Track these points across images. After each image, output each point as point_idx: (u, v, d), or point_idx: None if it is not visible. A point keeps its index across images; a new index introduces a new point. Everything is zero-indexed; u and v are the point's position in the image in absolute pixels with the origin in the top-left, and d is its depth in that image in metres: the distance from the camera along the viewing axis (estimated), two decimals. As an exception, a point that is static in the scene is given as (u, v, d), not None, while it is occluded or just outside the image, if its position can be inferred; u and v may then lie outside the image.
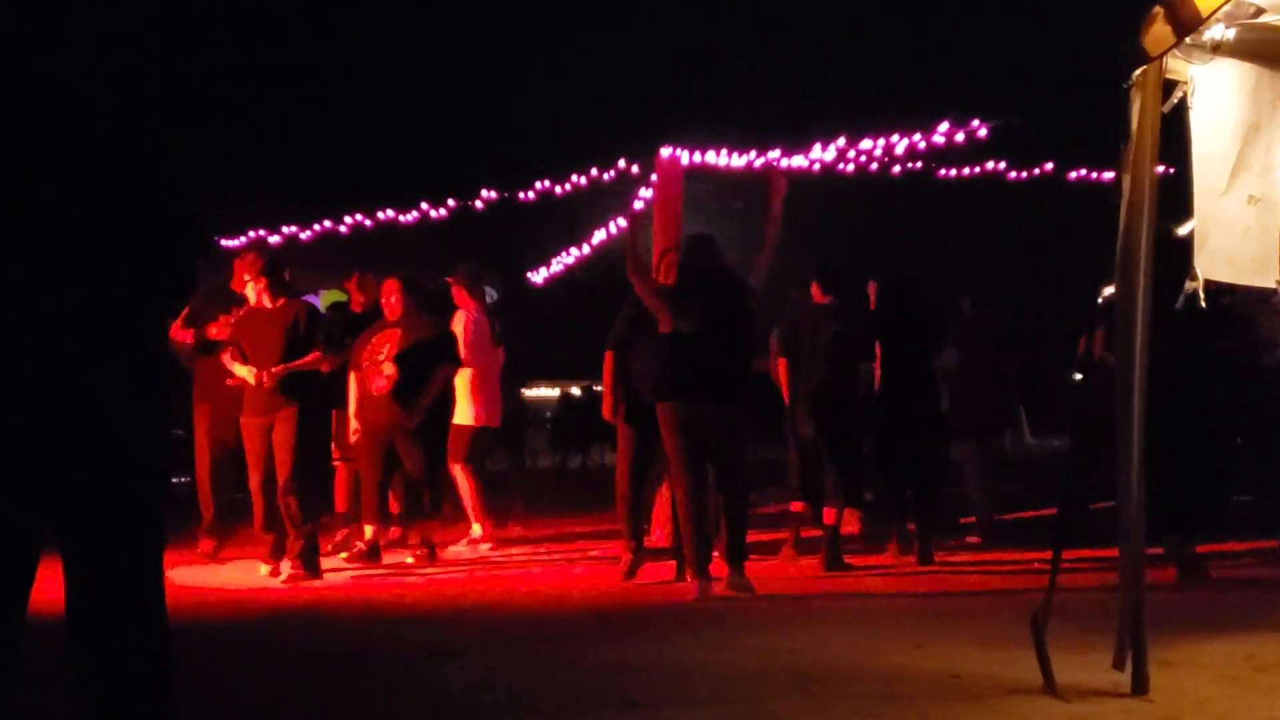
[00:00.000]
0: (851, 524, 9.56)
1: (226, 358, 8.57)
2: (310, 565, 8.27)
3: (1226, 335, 8.46)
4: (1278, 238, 5.17)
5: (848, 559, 8.64)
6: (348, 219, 12.70)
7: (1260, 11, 4.69)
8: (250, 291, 8.49)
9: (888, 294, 9.32)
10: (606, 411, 8.50)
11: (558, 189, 12.22)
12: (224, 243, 12.27)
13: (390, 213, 12.85)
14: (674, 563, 8.15)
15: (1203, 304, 4.96)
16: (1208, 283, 4.96)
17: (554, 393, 27.90)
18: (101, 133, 3.07)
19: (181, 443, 9.44)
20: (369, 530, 9.18)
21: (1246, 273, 5.10)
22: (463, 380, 9.79)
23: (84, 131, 3.05)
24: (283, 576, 8.27)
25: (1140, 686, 4.69)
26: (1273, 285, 5.21)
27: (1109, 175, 4.98)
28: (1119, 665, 4.79)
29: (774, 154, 10.64)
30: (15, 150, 2.98)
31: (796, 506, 9.19)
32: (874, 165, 11.14)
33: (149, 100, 3.16)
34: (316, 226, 12.81)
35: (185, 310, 8.75)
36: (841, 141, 10.74)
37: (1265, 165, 5.11)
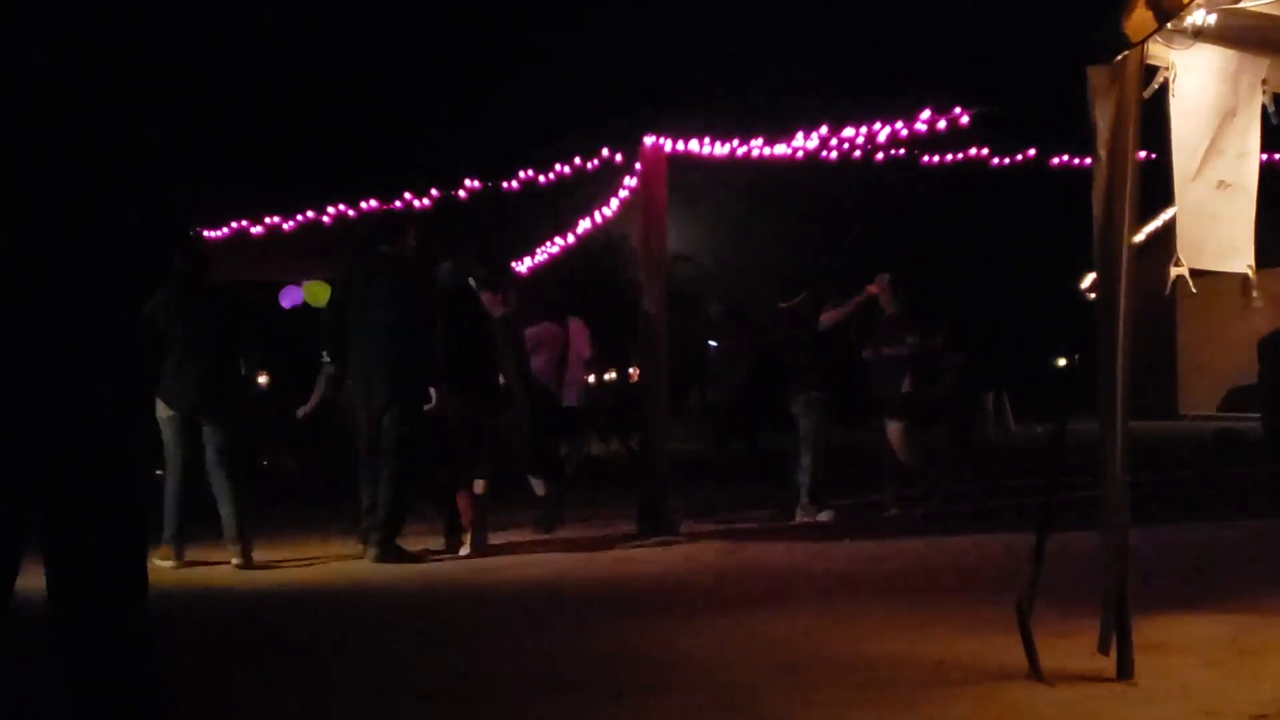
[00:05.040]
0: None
1: None
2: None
3: None
4: (1249, 224, 5.16)
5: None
6: (330, 209, 12.64)
7: (1240, -4, 4.70)
8: None
9: None
10: None
11: (541, 178, 12.19)
12: (206, 233, 12.19)
13: (374, 202, 12.81)
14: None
15: (1193, 290, 4.96)
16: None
17: None
18: (77, 124, 3.05)
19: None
20: None
21: (1210, 258, 5.07)
22: None
23: (60, 124, 3.03)
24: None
25: (1125, 671, 4.71)
26: (1244, 271, 5.18)
27: (1090, 162, 4.95)
28: (1104, 649, 4.79)
29: (757, 142, 10.61)
30: None
31: None
32: (857, 153, 11.12)
33: (126, 90, 3.15)
34: (299, 216, 12.76)
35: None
36: (824, 129, 10.72)
37: (1240, 150, 5.10)
